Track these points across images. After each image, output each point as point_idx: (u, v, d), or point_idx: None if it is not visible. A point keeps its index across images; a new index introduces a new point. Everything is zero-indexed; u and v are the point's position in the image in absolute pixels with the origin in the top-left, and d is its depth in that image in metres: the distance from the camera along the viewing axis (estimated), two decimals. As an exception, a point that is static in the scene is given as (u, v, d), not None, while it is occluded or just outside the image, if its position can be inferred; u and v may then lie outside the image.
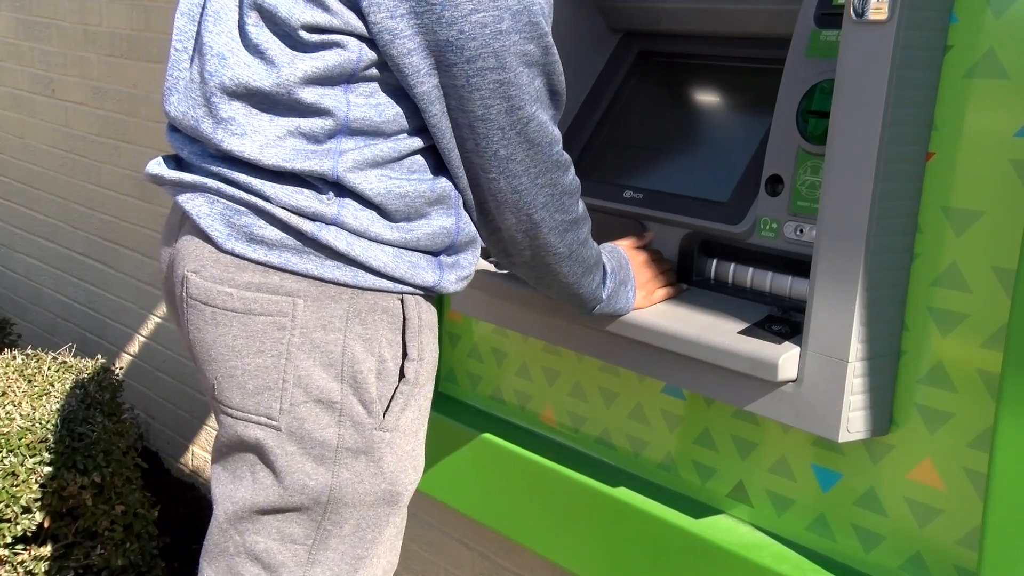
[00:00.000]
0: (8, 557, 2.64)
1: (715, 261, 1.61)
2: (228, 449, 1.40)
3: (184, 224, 1.39)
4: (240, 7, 1.31)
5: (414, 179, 1.34)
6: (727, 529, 1.60)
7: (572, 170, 1.41)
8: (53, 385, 2.88)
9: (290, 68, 1.28)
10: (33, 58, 4.31)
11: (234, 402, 1.35)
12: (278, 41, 1.29)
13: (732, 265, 1.59)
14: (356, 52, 1.28)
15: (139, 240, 3.84)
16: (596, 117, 1.83)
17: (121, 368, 3.44)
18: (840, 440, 1.38)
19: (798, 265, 1.48)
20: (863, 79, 1.32)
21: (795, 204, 1.46)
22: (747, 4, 1.62)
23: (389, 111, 1.31)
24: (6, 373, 2.94)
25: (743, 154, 1.59)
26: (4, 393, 2.83)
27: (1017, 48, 1.27)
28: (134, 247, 3.88)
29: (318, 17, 1.26)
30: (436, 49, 1.27)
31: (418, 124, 1.34)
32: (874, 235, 1.33)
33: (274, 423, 1.34)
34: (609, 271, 1.54)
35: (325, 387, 1.33)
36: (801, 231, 1.46)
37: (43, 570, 2.67)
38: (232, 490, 1.39)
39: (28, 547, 2.68)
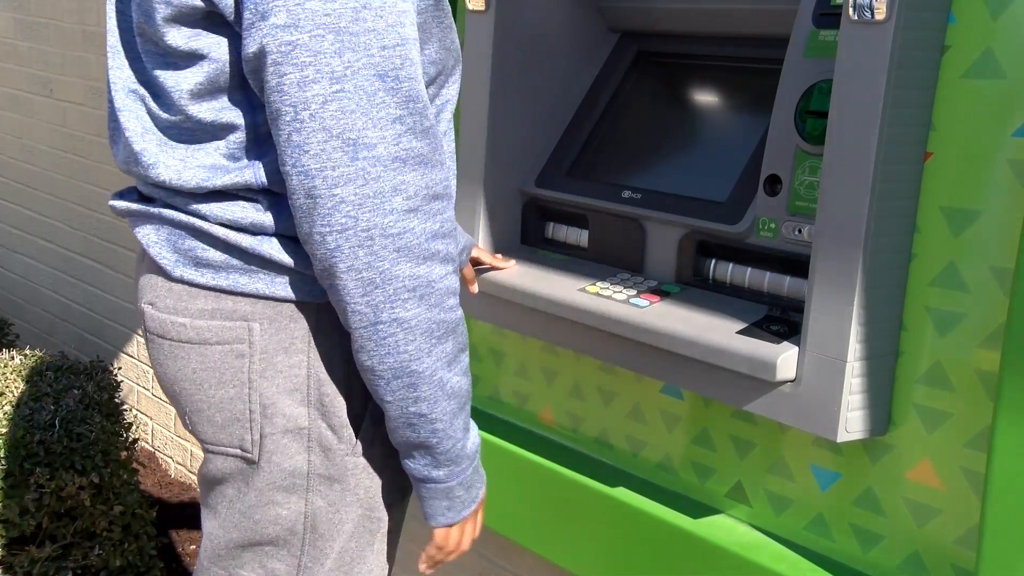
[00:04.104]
0: (6, 558, 2.64)
1: (713, 261, 1.61)
2: (207, 482, 1.36)
3: (144, 257, 1.35)
4: (132, 38, 1.27)
5: None
6: (726, 529, 1.60)
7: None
8: (51, 385, 2.88)
9: (178, 92, 1.22)
10: (31, 58, 4.30)
11: (208, 436, 1.31)
12: (164, 68, 1.23)
13: (730, 265, 1.59)
14: (225, 51, 1.19)
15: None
16: (594, 117, 1.83)
17: (119, 368, 3.43)
18: (838, 440, 1.38)
19: (796, 265, 1.48)
20: (861, 79, 1.32)
21: (793, 204, 1.46)
22: (746, 4, 1.62)
23: None
24: (4, 373, 2.94)
25: (741, 154, 1.59)
26: (2, 393, 2.83)
27: (1015, 48, 1.28)
28: (132, 247, 3.88)
29: (177, 30, 1.20)
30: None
31: None
32: (872, 235, 1.33)
33: (248, 454, 1.29)
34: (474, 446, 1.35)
35: (291, 413, 1.27)
36: (799, 231, 1.46)
37: (41, 571, 2.66)
38: (212, 526, 1.35)
39: (26, 547, 2.68)
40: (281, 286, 1.25)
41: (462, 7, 1.81)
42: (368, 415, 1.32)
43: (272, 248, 1.23)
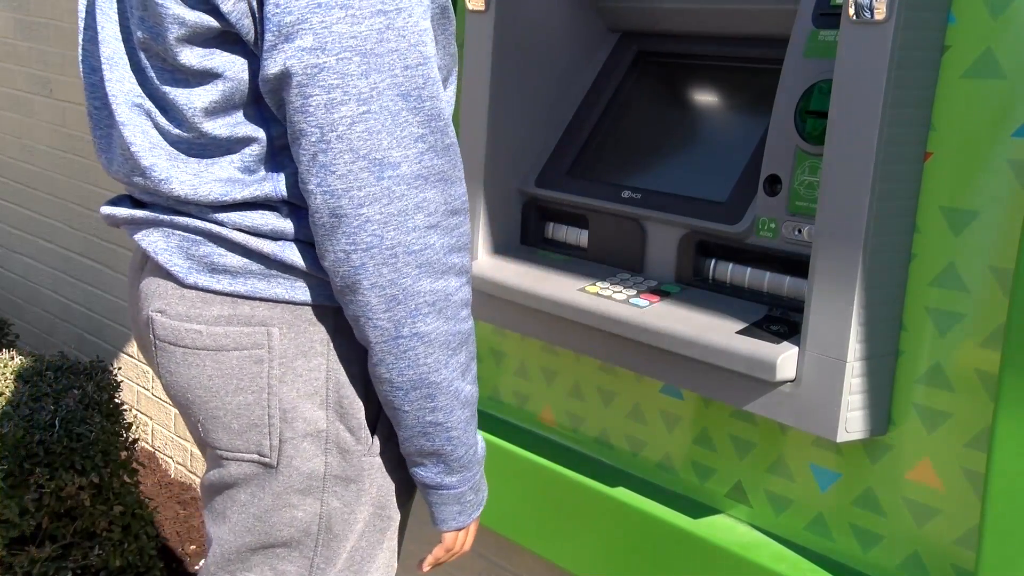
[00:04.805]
0: (7, 558, 2.64)
1: (713, 261, 1.61)
2: (215, 488, 1.34)
3: (146, 264, 1.33)
4: (133, 50, 1.25)
5: None
6: (725, 529, 1.60)
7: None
8: (51, 385, 2.88)
9: (191, 109, 1.20)
10: (31, 58, 4.30)
11: (223, 443, 1.30)
12: (174, 85, 1.21)
13: (730, 265, 1.59)
14: (240, 69, 1.19)
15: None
16: (594, 117, 1.83)
17: (119, 368, 3.43)
18: (838, 440, 1.38)
19: (796, 265, 1.48)
20: (861, 79, 1.32)
21: (793, 204, 1.46)
22: (746, 4, 1.62)
23: None
24: (4, 374, 2.94)
25: (741, 154, 1.59)
26: (2, 394, 2.83)
27: (1015, 48, 1.28)
28: (132, 247, 3.88)
29: (190, 50, 1.19)
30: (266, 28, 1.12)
31: None
32: (872, 235, 1.33)
33: (266, 459, 1.29)
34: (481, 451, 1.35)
35: (310, 417, 1.27)
36: (799, 231, 1.46)
37: (41, 571, 2.66)
38: (221, 532, 1.33)
39: (26, 547, 2.68)
40: (301, 290, 1.24)
41: (462, 7, 1.81)
42: (383, 414, 1.32)
43: (293, 253, 1.23)
